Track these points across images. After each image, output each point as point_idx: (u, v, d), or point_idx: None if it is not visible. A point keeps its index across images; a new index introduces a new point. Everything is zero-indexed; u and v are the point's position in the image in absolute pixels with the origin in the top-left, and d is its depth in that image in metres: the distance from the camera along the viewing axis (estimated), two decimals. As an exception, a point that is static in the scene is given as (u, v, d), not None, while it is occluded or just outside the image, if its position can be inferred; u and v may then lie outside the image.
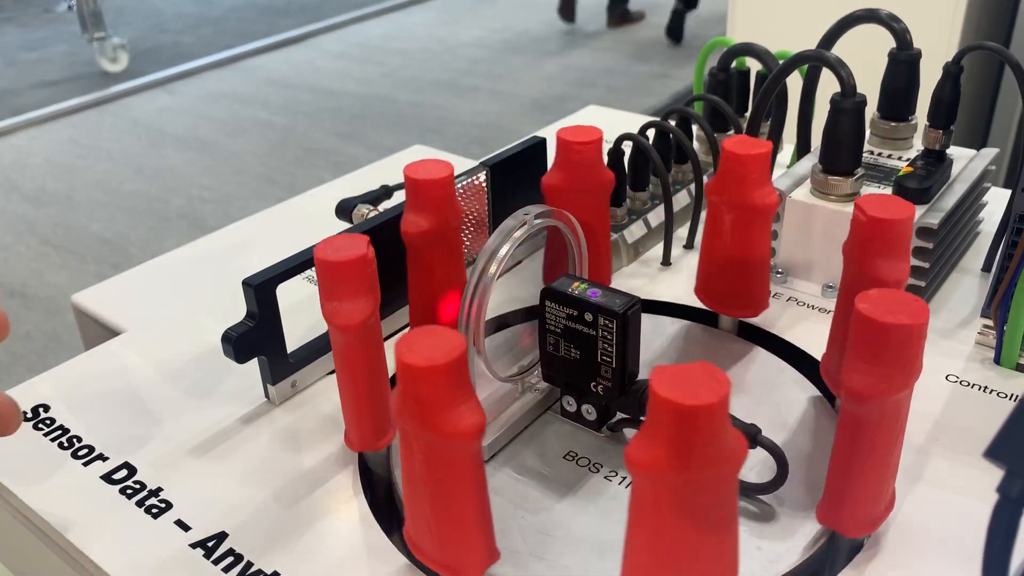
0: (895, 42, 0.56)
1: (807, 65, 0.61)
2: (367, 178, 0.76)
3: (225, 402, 0.50)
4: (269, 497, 0.43)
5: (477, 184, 0.58)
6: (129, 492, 0.44)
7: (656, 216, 0.65)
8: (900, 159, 0.59)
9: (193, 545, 0.41)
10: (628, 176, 0.64)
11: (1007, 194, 0.59)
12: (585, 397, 0.46)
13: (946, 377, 0.50)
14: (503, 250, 0.41)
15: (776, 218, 0.58)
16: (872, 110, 0.58)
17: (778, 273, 0.59)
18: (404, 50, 3.61)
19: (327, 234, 0.51)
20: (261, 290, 0.46)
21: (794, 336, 0.54)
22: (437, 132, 2.76)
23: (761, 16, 1.61)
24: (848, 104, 0.53)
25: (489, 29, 3.86)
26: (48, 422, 0.49)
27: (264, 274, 0.47)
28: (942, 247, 0.56)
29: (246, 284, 0.46)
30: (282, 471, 0.45)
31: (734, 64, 0.71)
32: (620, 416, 0.46)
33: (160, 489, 0.44)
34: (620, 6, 3.79)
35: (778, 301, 0.57)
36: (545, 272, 0.54)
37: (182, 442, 0.47)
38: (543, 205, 0.44)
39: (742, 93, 0.73)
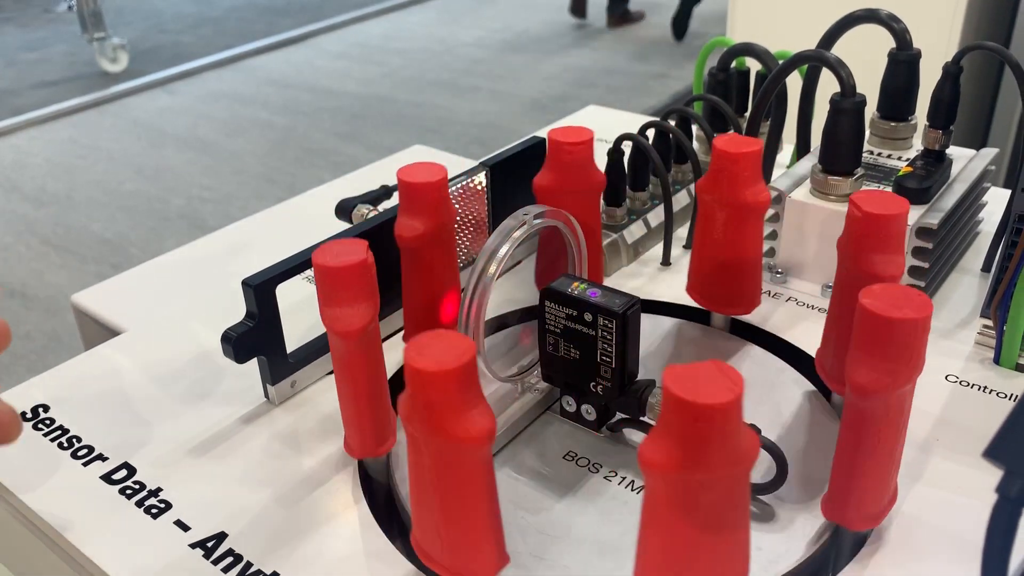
0: (895, 42, 0.56)
1: (807, 65, 0.61)
2: (367, 178, 0.76)
3: (225, 402, 0.50)
4: (269, 497, 0.43)
5: (474, 186, 0.58)
6: (129, 492, 0.44)
7: (656, 216, 0.65)
8: (900, 159, 0.59)
9: (193, 545, 0.41)
10: (628, 176, 0.64)
11: (1007, 194, 0.59)
12: (585, 397, 0.46)
13: (946, 377, 0.50)
14: (503, 250, 0.41)
15: (776, 218, 0.59)
16: (872, 110, 0.58)
17: (777, 273, 0.59)
18: (404, 50, 3.61)
19: (327, 234, 0.52)
20: (261, 290, 0.46)
21: (794, 336, 0.54)
22: (437, 132, 2.76)
23: (761, 16, 1.61)
24: (848, 104, 0.53)
25: (489, 29, 3.86)
26: (48, 422, 0.49)
27: (264, 274, 0.47)
28: (942, 247, 0.56)
29: (246, 284, 0.46)
30: (282, 471, 0.45)
31: (734, 64, 0.71)
32: (620, 416, 0.46)
33: (160, 489, 0.44)
34: (620, 6, 3.79)
35: (778, 301, 0.57)
36: (538, 276, 0.54)
37: (182, 442, 0.47)
38: (543, 205, 0.44)
39: (742, 93, 0.73)
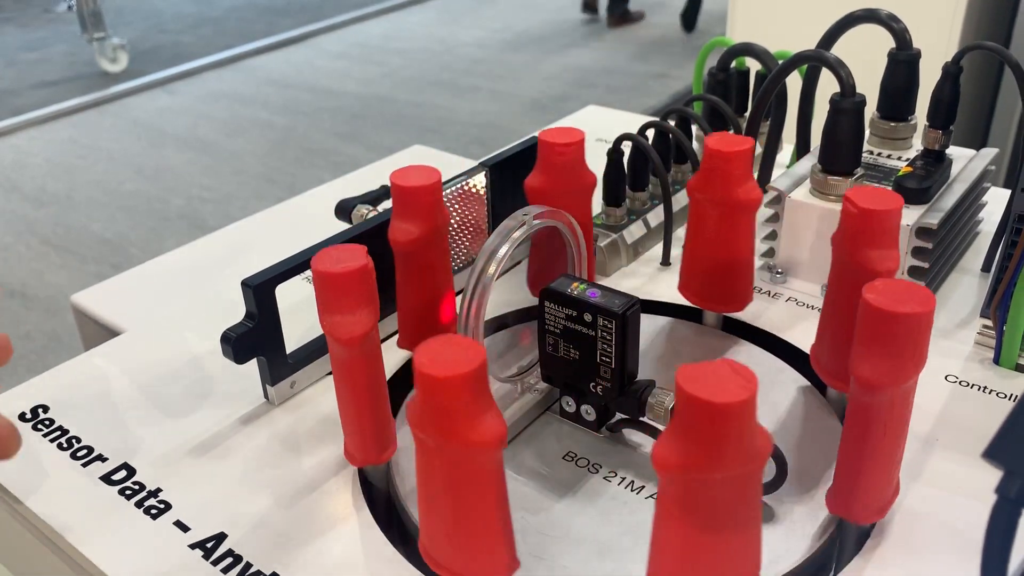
0: (894, 42, 0.56)
1: (806, 65, 0.61)
2: (367, 178, 0.76)
3: (224, 403, 0.50)
4: (269, 498, 0.43)
5: (472, 189, 0.58)
6: (128, 493, 0.44)
7: (655, 216, 0.65)
8: (899, 159, 0.59)
9: (192, 546, 0.41)
10: (628, 176, 0.64)
11: (1007, 194, 0.59)
12: (584, 397, 0.46)
13: (945, 377, 0.50)
14: (502, 250, 0.41)
15: (775, 218, 0.59)
16: (872, 110, 0.58)
17: (777, 273, 0.59)
18: (404, 50, 3.61)
19: (327, 234, 0.52)
20: (260, 291, 0.46)
21: (793, 336, 0.54)
22: (437, 132, 2.76)
23: (761, 16, 1.61)
24: (847, 104, 0.53)
25: (489, 29, 3.86)
26: (47, 423, 0.49)
27: (263, 275, 0.47)
28: (941, 247, 0.56)
29: (245, 284, 0.46)
30: (281, 472, 0.45)
31: (733, 64, 0.71)
32: (619, 416, 0.46)
33: (159, 490, 0.44)
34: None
35: (777, 301, 0.57)
36: (531, 279, 0.54)
37: (181, 443, 0.47)
38: (543, 205, 0.44)
39: (741, 93, 0.73)
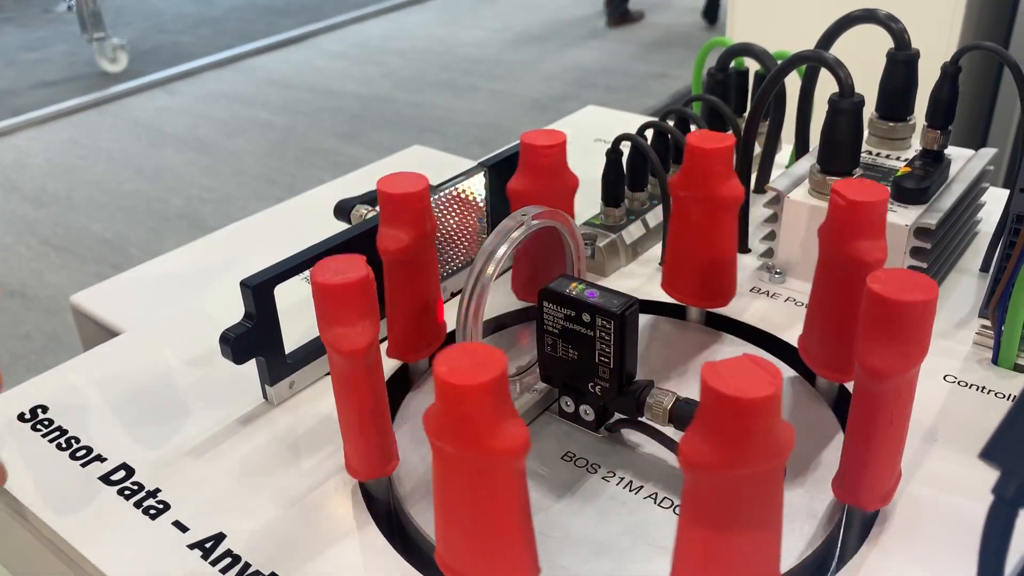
0: (893, 42, 0.56)
1: (805, 65, 0.61)
2: (366, 178, 0.76)
3: (223, 403, 0.50)
4: (267, 498, 0.43)
5: (466, 195, 0.58)
6: (127, 493, 0.44)
7: (654, 216, 0.65)
8: (898, 159, 0.59)
9: (191, 546, 0.41)
10: (626, 176, 0.64)
11: (1006, 194, 0.59)
12: (583, 398, 0.46)
13: (944, 377, 0.50)
14: (501, 251, 0.41)
15: (774, 218, 0.59)
16: (870, 110, 0.59)
17: (776, 273, 0.59)
18: (404, 50, 3.61)
19: (327, 234, 0.52)
20: (259, 291, 0.46)
21: (792, 336, 0.54)
22: (437, 132, 2.76)
23: (760, 16, 1.61)
24: (846, 104, 0.53)
25: (489, 29, 3.86)
26: (46, 423, 0.49)
27: (262, 275, 0.47)
28: (940, 247, 0.56)
29: (244, 285, 0.46)
30: (280, 472, 0.45)
31: (732, 64, 0.71)
32: (618, 416, 0.46)
33: (158, 490, 0.44)
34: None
35: (776, 301, 0.57)
36: (522, 284, 0.54)
37: (180, 443, 0.47)
38: (541, 205, 0.44)
39: (740, 93, 0.73)
